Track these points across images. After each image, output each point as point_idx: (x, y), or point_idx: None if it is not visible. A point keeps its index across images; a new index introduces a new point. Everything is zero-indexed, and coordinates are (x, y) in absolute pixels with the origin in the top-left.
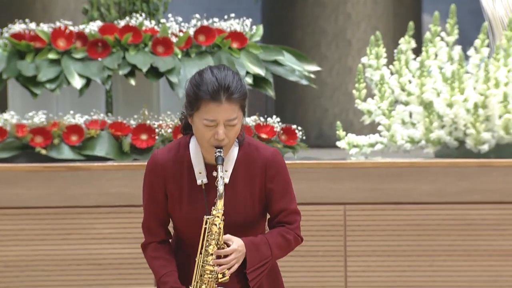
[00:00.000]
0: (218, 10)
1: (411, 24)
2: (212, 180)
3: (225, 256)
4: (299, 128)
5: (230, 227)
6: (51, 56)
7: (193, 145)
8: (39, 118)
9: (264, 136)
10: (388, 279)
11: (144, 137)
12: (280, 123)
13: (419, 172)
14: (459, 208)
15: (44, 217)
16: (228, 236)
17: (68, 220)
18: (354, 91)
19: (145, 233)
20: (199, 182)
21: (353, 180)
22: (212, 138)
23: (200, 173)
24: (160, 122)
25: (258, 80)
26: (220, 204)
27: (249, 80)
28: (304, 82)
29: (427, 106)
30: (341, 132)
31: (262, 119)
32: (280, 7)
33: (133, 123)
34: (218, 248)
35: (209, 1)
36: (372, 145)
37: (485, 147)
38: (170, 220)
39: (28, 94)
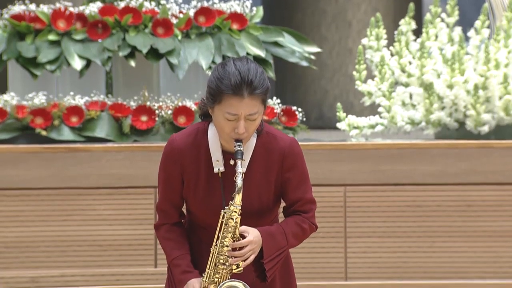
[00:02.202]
0: None
1: (411, 5)
2: (229, 168)
3: (241, 248)
4: (299, 109)
5: (244, 215)
6: (51, 37)
7: (211, 132)
8: (39, 99)
9: (264, 117)
10: (388, 260)
11: (144, 118)
12: (280, 105)
13: (419, 153)
14: (459, 189)
15: (44, 198)
16: (244, 227)
17: (68, 202)
18: (354, 73)
19: (159, 214)
20: (216, 170)
21: (353, 162)
22: (232, 131)
23: (217, 161)
24: (160, 103)
25: (258, 62)
26: (238, 199)
27: None
28: (304, 63)
29: (427, 87)
30: (341, 114)
31: None
32: None
33: (133, 104)
34: (234, 241)
35: None
36: (372, 127)
37: (485, 129)
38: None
39: (28, 75)
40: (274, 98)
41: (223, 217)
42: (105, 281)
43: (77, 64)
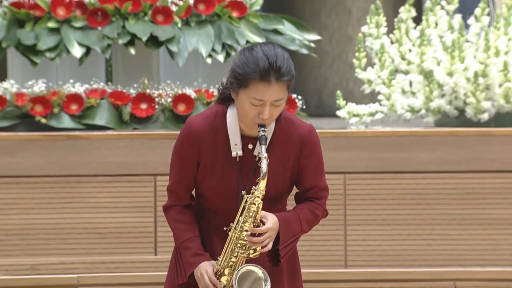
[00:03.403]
0: None
1: None
2: (247, 152)
3: (260, 235)
4: (299, 97)
5: None
6: (51, 24)
7: (230, 115)
8: (39, 87)
9: None
10: (388, 247)
11: (144, 106)
12: None
13: (419, 141)
14: (458, 177)
15: (44, 185)
16: (264, 213)
17: (68, 189)
18: (354, 60)
19: (171, 196)
20: (234, 154)
21: (353, 149)
22: (256, 116)
23: (235, 145)
24: (160, 91)
25: None
26: (262, 184)
27: None
28: (304, 51)
29: (427, 75)
30: (341, 101)
31: None
32: None
33: (133, 92)
34: (254, 226)
35: None
36: (372, 114)
37: (485, 116)
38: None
39: (28, 63)
40: None
41: (245, 202)
42: (105, 269)
43: (77, 51)
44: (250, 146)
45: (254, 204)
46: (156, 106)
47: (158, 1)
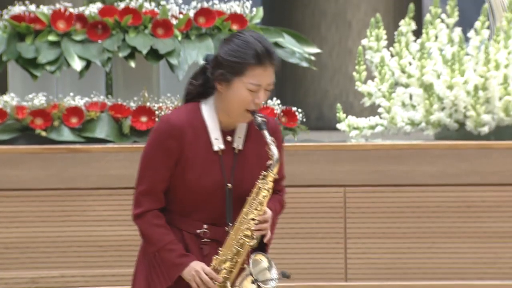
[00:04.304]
0: None
1: (411, 6)
2: (227, 146)
3: (263, 222)
4: (299, 110)
5: (236, 195)
6: (51, 38)
7: (207, 110)
8: (39, 100)
9: None
10: (388, 261)
11: (144, 119)
12: (280, 105)
13: (419, 154)
14: (459, 190)
15: (44, 199)
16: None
17: (68, 202)
18: (354, 73)
19: (145, 201)
20: (216, 148)
21: (353, 162)
22: (251, 103)
23: (216, 139)
24: (160, 104)
25: None
26: (275, 169)
27: None
28: (304, 64)
29: (427, 88)
30: (341, 114)
31: None
32: None
33: (133, 105)
34: (259, 214)
35: None
36: (372, 127)
37: (485, 129)
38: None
39: (28, 76)
40: (274, 98)
41: (258, 188)
42: (105, 282)
43: (77, 65)
44: (229, 138)
45: (266, 189)
46: (157, 119)
47: (158, 14)
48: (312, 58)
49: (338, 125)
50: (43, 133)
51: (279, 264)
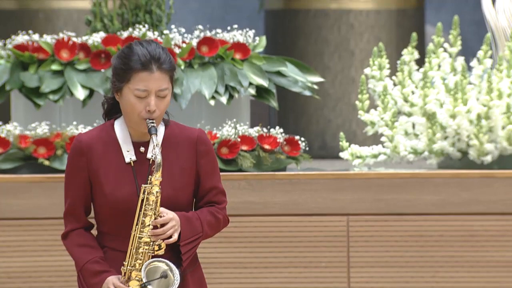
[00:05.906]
0: (220, 19)
1: (414, 35)
2: (140, 157)
3: (162, 226)
4: (302, 139)
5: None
6: (54, 67)
7: (118, 125)
8: (42, 129)
9: (267, 147)
10: None
11: None
12: (283, 134)
13: (422, 183)
14: (461, 219)
15: (47, 228)
16: (163, 208)
17: None
18: (357, 102)
19: (68, 221)
20: (127, 160)
21: (356, 191)
22: (143, 110)
23: (128, 151)
24: None
25: (261, 91)
26: (158, 173)
27: (252, 91)
28: (307, 93)
29: (430, 117)
30: (344, 143)
31: (265, 130)
32: (282, 16)
33: None
34: (155, 219)
35: (212, 11)
36: (375, 156)
37: (488, 158)
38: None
39: (31, 105)
40: (277, 127)
41: (143, 193)
42: None
43: (80, 94)
44: (142, 149)
45: (153, 193)
46: None
47: (161, 43)
48: (315, 87)
49: (341, 154)
50: (46, 162)
51: None
